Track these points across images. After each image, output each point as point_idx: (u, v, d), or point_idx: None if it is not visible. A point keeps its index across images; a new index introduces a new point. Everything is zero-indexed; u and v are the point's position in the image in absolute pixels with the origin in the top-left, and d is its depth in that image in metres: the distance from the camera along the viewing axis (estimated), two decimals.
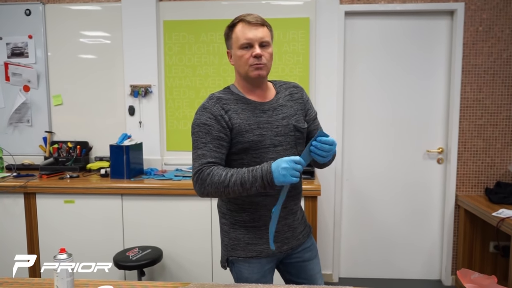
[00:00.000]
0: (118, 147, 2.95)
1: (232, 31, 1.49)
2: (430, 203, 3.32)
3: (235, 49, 1.49)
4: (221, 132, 1.44)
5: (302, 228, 1.65)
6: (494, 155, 3.16)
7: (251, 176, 1.34)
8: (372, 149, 3.32)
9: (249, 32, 1.45)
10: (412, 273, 3.39)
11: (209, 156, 1.42)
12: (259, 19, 1.48)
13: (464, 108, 3.15)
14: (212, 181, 1.38)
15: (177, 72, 3.27)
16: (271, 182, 1.32)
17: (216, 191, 1.39)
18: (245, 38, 1.45)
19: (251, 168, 1.37)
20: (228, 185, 1.36)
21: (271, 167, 1.32)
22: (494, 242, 3.10)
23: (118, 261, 2.48)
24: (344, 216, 3.38)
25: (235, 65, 1.53)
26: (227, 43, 1.54)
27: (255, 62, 1.46)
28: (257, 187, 1.35)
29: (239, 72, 1.52)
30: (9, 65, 3.33)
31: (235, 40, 1.48)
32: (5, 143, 3.32)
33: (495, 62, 3.09)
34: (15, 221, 2.86)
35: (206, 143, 1.43)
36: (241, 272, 1.56)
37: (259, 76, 1.48)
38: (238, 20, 1.48)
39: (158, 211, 2.81)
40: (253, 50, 1.45)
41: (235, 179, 1.36)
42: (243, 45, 1.46)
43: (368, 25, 3.22)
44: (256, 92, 1.54)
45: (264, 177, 1.33)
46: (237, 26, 1.48)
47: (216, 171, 1.39)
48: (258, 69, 1.46)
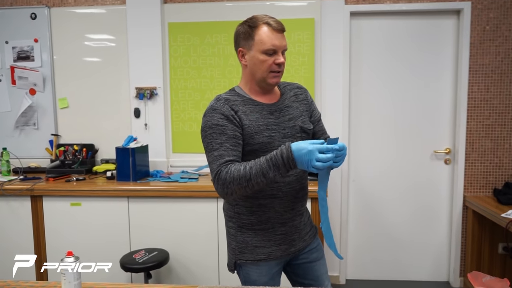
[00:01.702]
0: (124, 150, 2.95)
1: (255, 33, 1.44)
2: (437, 204, 3.29)
3: (256, 52, 1.45)
4: (236, 131, 1.42)
5: (308, 229, 1.65)
6: (503, 155, 3.13)
7: (272, 165, 1.28)
8: (379, 150, 3.29)
9: (275, 39, 1.44)
10: (420, 274, 3.36)
11: (226, 155, 1.38)
12: (282, 25, 1.47)
13: (471, 108, 3.12)
14: (233, 178, 1.32)
15: (182, 74, 3.27)
16: (294, 168, 1.28)
17: (239, 187, 1.33)
18: (272, 44, 1.43)
19: (269, 156, 1.30)
20: (250, 178, 1.30)
21: (292, 154, 1.25)
22: (503, 243, 3.07)
23: (125, 264, 2.48)
24: (351, 217, 3.36)
25: (250, 67, 1.49)
26: (244, 42, 1.48)
27: (276, 69, 1.46)
28: (281, 174, 1.29)
29: (254, 75, 1.49)
30: (15, 68, 3.34)
31: (259, 43, 1.44)
32: (12, 146, 3.33)
33: (502, 62, 3.06)
34: (22, 224, 2.87)
35: (222, 143, 1.39)
36: (249, 275, 1.55)
37: (276, 83, 1.49)
38: (262, 22, 1.44)
39: (164, 213, 2.80)
40: (277, 58, 1.45)
41: (256, 171, 1.30)
42: (268, 51, 1.44)
43: (373, 26, 3.21)
44: (263, 94, 1.53)
45: (287, 165, 1.27)
46: (261, 28, 1.44)
47: (234, 167, 1.34)
48: (277, 77, 1.47)
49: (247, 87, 1.54)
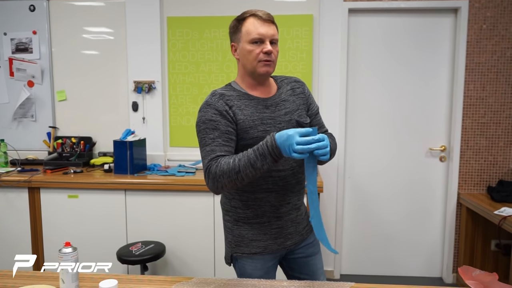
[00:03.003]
0: (121, 143, 2.96)
1: (242, 25, 1.47)
2: (432, 201, 3.32)
3: (243, 43, 1.46)
4: (229, 127, 1.43)
5: (305, 224, 1.66)
6: (497, 153, 3.16)
7: (258, 155, 1.30)
8: (375, 147, 3.32)
9: (261, 27, 1.44)
10: (413, 270, 3.40)
11: (218, 151, 1.40)
12: (270, 16, 1.47)
13: (467, 106, 3.15)
14: (223, 171, 1.34)
15: (180, 69, 3.28)
16: (280, 155, 1.28)
17: (229, 180, 1.34)
18: (257, 33, 1.44)
19: (256, 147, 1.32)
20: (239, 170, 1.32)
21: (275, 141, 1.27)
22: (495, 240, 3.11)
23: (121, 256, 2.50)
24: (346, 213, 3.39)
25: (241, 59, 1.50)
26: (234, 36, 1.51)
27: (264, 58, 1.45)
28: (268, 163, 1.30)
29: (245, 67, 1.50)
30: (13, 60, 3.34)
31: (245, 34, 1.45)
32: (10, 138, 3.34)
33: (498, 60, 3.09)
34: (19, 216, 2.89)
35: (214, 139, 1.41)
36: (244, 268, 1.57)
37: (267, 72, 1.48)
38: (249, 14, 1.47)
39: (161, 207, 2.82)
40: (264, 46, 1.44)
41: (244, 162, 1.31)
42: (254, 39, 1.44)
43: (371, 23, 3.22)
44: (258, 88, 1.54)
45: (272, 153, 1.28)
46: (248, 20, 1.46)
47: (223, 160, 1.35)
48: (267, 66, 1.46)
49: (243, 82, 1.54)
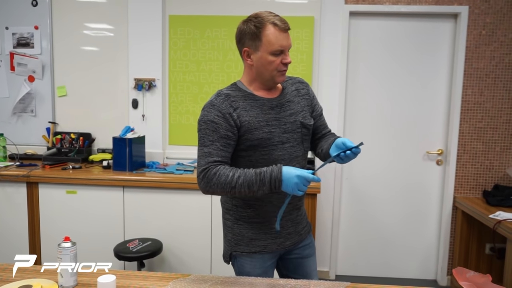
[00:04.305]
0: (121, 140, 2.97)
1: (262, 33, 1.43)
2: (428, 204, 3.35)
3: (264, 53, 1.45)
4: (229, 131, 1.44)
5: (304, 224, 1.68)
6: (493, 158, 3.19)
7: (258, 180, 1.36)
8: (373, 149, 3.34)
9: (282, 39, 1.44)
10: (408, 272, 3.42)
11: (215, 155, 1.42)
12: (287, 24, 1.46)
13: (464, 110, 3.17)
14: (219, 181, 1.38)
15: (181, 67, 3.29)
16: (279, 189, 1.35)
17: (222, 191, 1.40)
18: (280, 45, 1.44)
19: (259, 170, 1.37)
20: (235, 186, 1.37)
21: (281, 175, 1.34)
22: (490, 244, 3.13)
23: (119, 252, 2.51)
24: (343, 215, 3.41)
25: (257, 67, 1.49)
26: (250, 42, 1.46)
27: (283, 68, 1.48)
28: (264, 190, 1.37)
29: (262, 75, 1.50)
30: (14, 55, 3.35)
31: (267, 44, 1.43)
32: (9, 133, 3.34)
33: (497, 66, 3.11)
34: (17, 210, 2.89)
35: (213, 141, 1.43)
36: (243, 266, 1.58)
37: (283, 81, 1.54)
38: (268, 22, 1.43)
39: (159, 204, 2.84)
40: (284, 57, 1.46)
41: (242, 181, 1.36)
42: (276, 51, 1.44)
43: (372, 26, 3.24)
44: (265, 90, 1.55)
45: (272, 183, 1.35)
46: (267, 29, 1.43)
47: (223, 171, 1.39)
48: (284, 75, 1.51)
49: (250, 84, 1.54)
